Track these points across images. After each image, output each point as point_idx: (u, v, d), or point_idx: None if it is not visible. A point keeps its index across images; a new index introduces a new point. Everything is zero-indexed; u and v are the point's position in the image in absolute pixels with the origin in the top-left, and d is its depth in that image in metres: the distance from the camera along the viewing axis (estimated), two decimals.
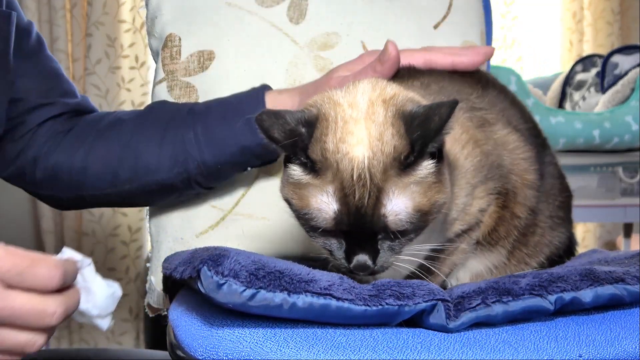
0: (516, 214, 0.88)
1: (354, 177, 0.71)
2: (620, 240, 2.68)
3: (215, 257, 0.70)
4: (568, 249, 0.98)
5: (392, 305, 0.70)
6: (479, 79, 0.95)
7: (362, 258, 0.73)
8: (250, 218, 1.10)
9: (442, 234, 0.83)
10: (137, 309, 2.72)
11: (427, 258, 0.82)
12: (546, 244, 0.93)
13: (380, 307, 0.70)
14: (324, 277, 0.72)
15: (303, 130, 0.73)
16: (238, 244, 1.08)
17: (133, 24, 2.68)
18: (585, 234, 3.04)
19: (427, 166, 0.73)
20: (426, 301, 0.72)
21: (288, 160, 0.76)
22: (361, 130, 0.73)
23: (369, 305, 0.69)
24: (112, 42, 2.66)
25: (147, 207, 1.14)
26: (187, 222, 1.09)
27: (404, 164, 0.71)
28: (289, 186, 0.76)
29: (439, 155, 0.74)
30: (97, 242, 2.64)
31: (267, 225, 1.10)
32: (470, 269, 0.91)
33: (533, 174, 0.89)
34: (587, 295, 0.74)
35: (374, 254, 0.73)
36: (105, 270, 2.64)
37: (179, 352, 0.73)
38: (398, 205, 0.71)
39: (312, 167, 0.73)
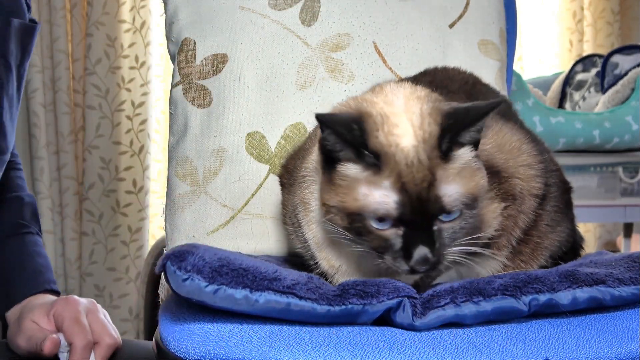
0: (518, 224, 0.88)
1: (408, 165, 0.73)
2: (620, 240, 2.68)
3: (179, 253, 0.73)
4: (572, 245, 0.98)
5: (356, 304, 0.71)
6: (465, 100, 0.96)
7: (423, 251, 0.74)
8: (260, 217, 1.11)
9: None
10: (137, 309, 2.72)
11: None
12: (546, 247, 0.93)
13: (344, 306, 0.71)
14: (290, 276, 0.73)
15: (356, 127, 0.75)
16: (247, 242, 1.11)
17: (133, 24, 2.68)
18: (585, 234, 3.04)
19: (466, 152, 0.76)
20: (390, 299, 0.72)
21: (334, 163, 0.77)
22: (404, 122, 0.76)
23: (332, 305, 0.71)
24: (112, 42, 2.65)
25: (163, 206, 1.16)
26: (198, 220, 1.11)
27: (442, 149, 0.74)
28: (338, 190, 0.76)
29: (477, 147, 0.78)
30: (97, 242, 2.64)
31: (276, 225, 1.11)
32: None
33: (538, 183, 0.89)
34: (564, 297, 0.74)
35: (432, 246, 0.74)
36: (105, 270, 2.63)
37: (159, 345, 0.75)
38: (450, 187, 0.74)
39: (371, 163, 0.75)
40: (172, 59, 1.19)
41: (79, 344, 1.00)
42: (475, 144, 0.78)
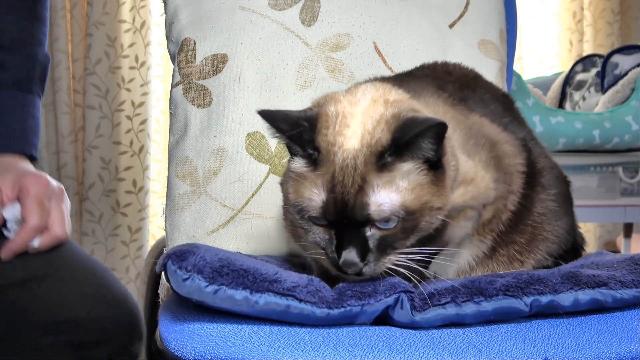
0: (507, 206, 0.88)
1: (343, 167, 0.73)
2: (620, 240, 2.67)
3: (180, 253, 0.73)
4: (573, 245, 0.98)
5: (354, 305, 0.71)
6: (457, 89, 0.97)
7: (350, 255, 0.74)
8: (260, 217, 1.11)
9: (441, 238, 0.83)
10: None
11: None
12: (543, 240, 0.92)
13: (342, 309, 0.71)
14: (290, 278, 0.73)
15: (305, 124, 0.76)
16: (247, 242, 1.11)
17: (133, 24, 2.68)
18: (586, 234, 3.03)
19: (410, 165, 0.75)
20: (388, 296, 0.72)
21: (291, 156, 0.79)
22: (357, 124, 0.76)
23: (331, 308, 0.71)
24: (112, 42, 2.65)
25: (163, 206, 1.16)
26: (198, 220, 1.11)
27: (383, 158, 0.73)
28: (289, 181, 0.79)
29: (438, 164, 0.76)
30: (97, 242, 2.64)
31: (276, 225, 1.11)
32: (457, 260, 0.90)
33: (521, 158, 0.90)
34: (566, 298, 0.74)
35: (363, 252, 0.74)
36: None
37: (159, 345, 0.75)
38: (382, 196, 0.73)
39: (314, 160, 0.76)
40: (172, 59, 1.19)
41: (32, 223, 0.96)
42: (430, 161, 0.75)
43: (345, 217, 0.74)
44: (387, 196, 0.73)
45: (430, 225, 0.76)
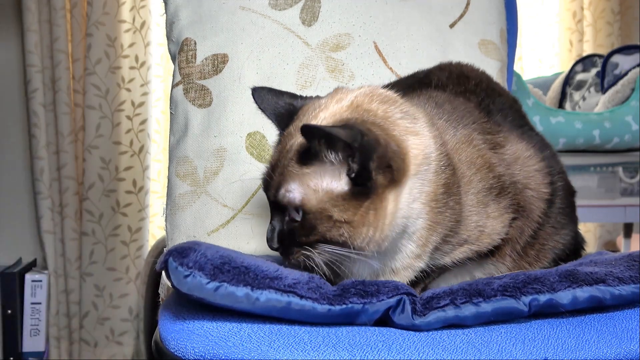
0: (525, 232, 0.88)
1: (286, 149, 0.79)
2: (620, 240, 2.67)
3: (181, 250, 0.73)
4: (574, 247, 0.98)
5: (356, 303, 0.71)
6: (482, 101, 0.96)
7: (268, 230, 0.80)
8: (260, 217, 1.11)
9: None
10: (137, 309, 2.72)
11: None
12: (550, 249, 0.93)
13: (344, 306, 0.71)
14: (291, 275, 0.73)
15: (292, 107, 0.84)
16: (248, 242, 1.11)
17: (133, 24, 2.68)
18: (585, 234, 3.03)
19: (328, 169, 0.76)
20: (390, 297, 0.72)
21: None
22: (322, 118, 0.80)
23: (332, 305, 0.71)
24: (112, 42, 2.65)
25: (164, 206, 1.16)
26: (199, 220, 1.11)
27: (308, 152, 0.77)
28: None
29: (362, 183, 0.75)
30: (97, 242, 2.64)
31: None
32: (474, 277, 0.91)
33: (547, 187, 0.90)
34: (564, 297, 0.74)
35: (280, 233, 0.79)
36: (105, 270, 2.63)
37: (159, 345, 0.75)
38: (292, 185, 0.77)
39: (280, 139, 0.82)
40: (173, 59, 1.19)
41: None
42: (351, 175, 0.75)
43: (266, 190, 0.81)
44: (296, 186, 0.77)
45: (338, 238, 0.76)
